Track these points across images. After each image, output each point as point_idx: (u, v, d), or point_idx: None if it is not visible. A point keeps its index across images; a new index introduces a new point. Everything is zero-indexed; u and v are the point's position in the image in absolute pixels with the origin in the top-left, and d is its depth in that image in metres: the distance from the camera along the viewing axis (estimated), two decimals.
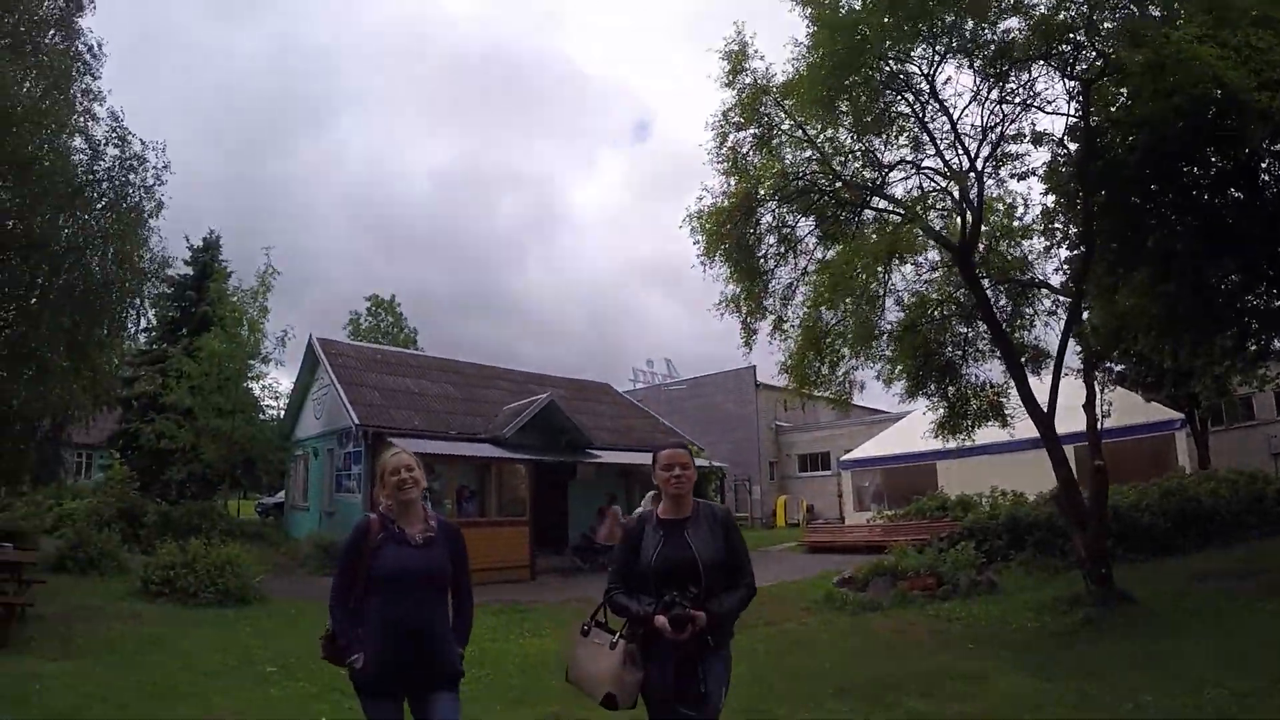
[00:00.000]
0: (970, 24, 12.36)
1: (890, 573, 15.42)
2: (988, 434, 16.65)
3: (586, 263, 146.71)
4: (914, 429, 28.42)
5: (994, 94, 13.20)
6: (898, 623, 12.83)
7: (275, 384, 30.43)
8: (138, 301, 18.45)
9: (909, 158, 14.18)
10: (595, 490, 27.19)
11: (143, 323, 20.49)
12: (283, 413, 31.62)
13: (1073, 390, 14.39)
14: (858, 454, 33.10)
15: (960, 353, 15.75)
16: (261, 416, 29.67)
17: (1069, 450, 21.70)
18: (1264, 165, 14.72)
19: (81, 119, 17.47)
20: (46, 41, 17.72)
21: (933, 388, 15.71)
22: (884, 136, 13.89)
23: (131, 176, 17.39)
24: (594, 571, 23.51)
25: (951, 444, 16.57)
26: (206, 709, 8.37)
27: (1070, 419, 14.22)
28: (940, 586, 14.80)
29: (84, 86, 18.18)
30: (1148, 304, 14.70)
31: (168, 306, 34.86)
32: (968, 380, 15.87)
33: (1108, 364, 19.16)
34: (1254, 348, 17.24)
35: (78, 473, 41.86)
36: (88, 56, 18.37)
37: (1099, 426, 13.63)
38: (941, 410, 16.02)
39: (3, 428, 17.83)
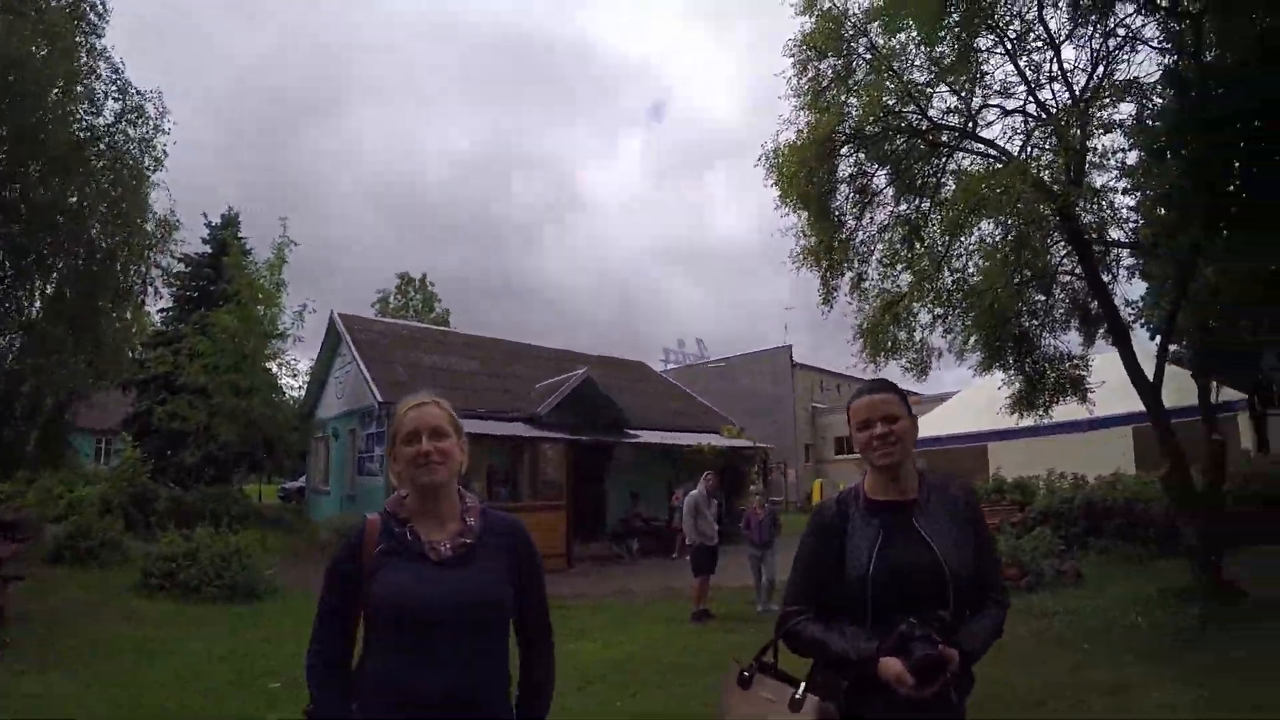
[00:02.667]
0: None
1: None
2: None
3: (606, 245, 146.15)
4: (958, 410, 27.67)
5: (1095, 29, 12.09)
6: None
7: (295, 362, 29.29)
8: (143, 269, 17.58)
9: (996, 102, 12.95)
10: (633, 473, 25.98)
11: (151, 293, 19.39)
12: (303, 392, 30.68)
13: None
14: None
15: (1037, 322, 14.45)
16: (280, 396, 28.66)
17: (1127, 431, 21.18)
18: None
19: (87, 80, 16.78)
20: (52, 3, 17.01)
21: (1010, 360, 14.34)
22: (970, 75, 12.58)
23: (130, 131, 16.69)
24: (632, 559, 22.54)
25: (1028, 421, 15.27)
26: None
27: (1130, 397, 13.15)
28: (1023, 577, 13.57)
29: (89, 46, 17.55)
30: (1231, 275, 13.39)
31: (185, 286, 34.03)
32: (1044, 352, 14.57)
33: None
34: None
35: (96, 458, 41.03)
36: (92, 16, 17.73)
37: (1215, 397, 12.51)
38: (1018, 384, 14.68)
39: (5, 407, 17.03)
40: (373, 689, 2.54)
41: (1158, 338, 14.39)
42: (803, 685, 2.76)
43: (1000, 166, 12.30)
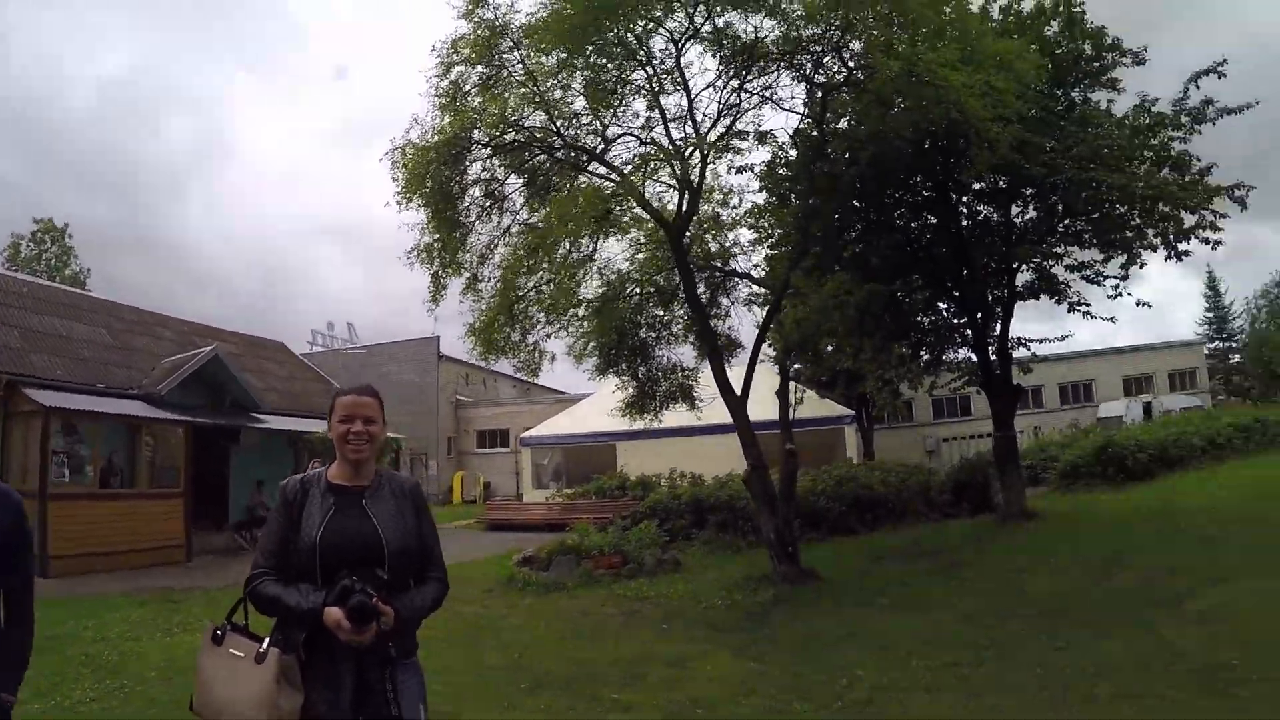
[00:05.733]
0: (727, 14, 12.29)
1: (574, 552, 15.09)
2: (668, 418, 16.73)
3: (263, 209, 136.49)
4: (595, 410, 28.98)
5: (733, 83, 13.10)
6: (585, 603, 12.45)
7: None
8: None
9: (634, 130, 13.72)
10: (260, 459, 24.98)
11: None
12: None
13: (757, 382, 14.64)
14: (538, 431, 32.83)
15: (655, 334, 15.79)
16: None
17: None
18: (962, 200, 16.95)
19: None
20: None
21: (624, 366, 15.60)
22: (613, 107, 13.29)
23: None
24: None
25: (638, 424, 16.44)
26: None
27: (753, 408, 14.33)
28: (625, 565, 14.65)
29: None
30: (842, 306, 15.56)
31: None
32: (658, 362, 15.92)
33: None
34: (926, 357, 19.38)
35: None
36: None
37: (791, 415, 14.11)
38: (631, 390, 15.96)
39: None
40: None
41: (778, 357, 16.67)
42: (266, 641, 3.11)
43: (613, 188, 13.21)
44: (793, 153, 15.01)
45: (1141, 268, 16.77)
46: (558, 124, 13.11)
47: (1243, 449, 22.51)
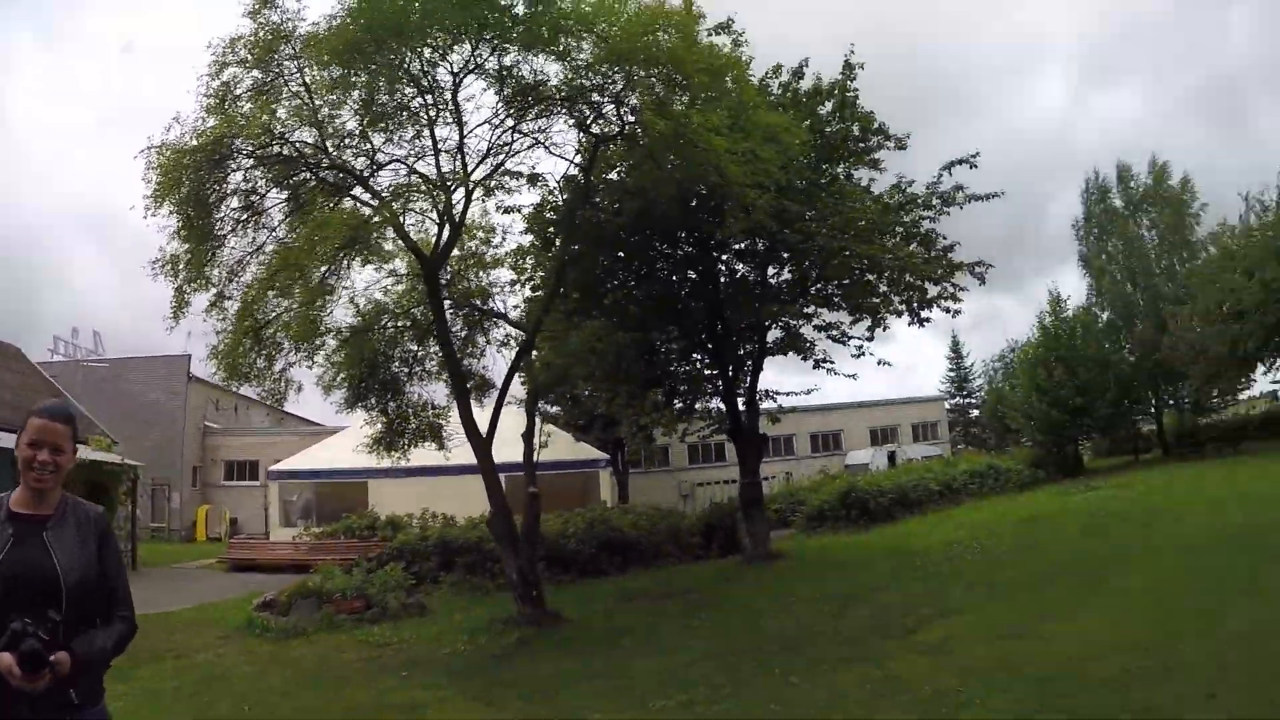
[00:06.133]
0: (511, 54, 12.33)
1: (315, 595, 14.40)
2: (422, 456, 16.73)
3: (17, 191, 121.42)
4: (348, 444, 28.15)
5: (508, 122, 13.14)
6: (324, 650, 12.01)
7: None
8: None
9: (403, 158, 13.30)
10: None
11: None
12: None
13: (510, 423, 15.00)
14: (288, 465, 31.30)
15: (407, 370, 15.56)
16: None
17: (502, 479, 23.24)
18: (722, 258, 17.86)
19: None
20: None
21: (374, 401, 15.26)
22: (387, 131, 12.85)
23: None
24: None
25: (386, 462, 16.25)
26: None
27: (505, 450, 14.57)
28: (368, 609, 14.24)
29: None
30: (598, 352, 15.76)
31: None
32: (410, 399, 15.72)
33: (543, 402, 20.64)
34: (680, 405, 20.37)
35: None
36: None
37: (535, 457, 14.25)
38: (379, 425, 15.67)
39: None
40: None
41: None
42: None
43: (371, 213, 12.87)
44: (562, 197, 15.28)
45: (885, 330, 18.28)
46: (326, 143, 12.59)
47: (977, 492, 24.87)
